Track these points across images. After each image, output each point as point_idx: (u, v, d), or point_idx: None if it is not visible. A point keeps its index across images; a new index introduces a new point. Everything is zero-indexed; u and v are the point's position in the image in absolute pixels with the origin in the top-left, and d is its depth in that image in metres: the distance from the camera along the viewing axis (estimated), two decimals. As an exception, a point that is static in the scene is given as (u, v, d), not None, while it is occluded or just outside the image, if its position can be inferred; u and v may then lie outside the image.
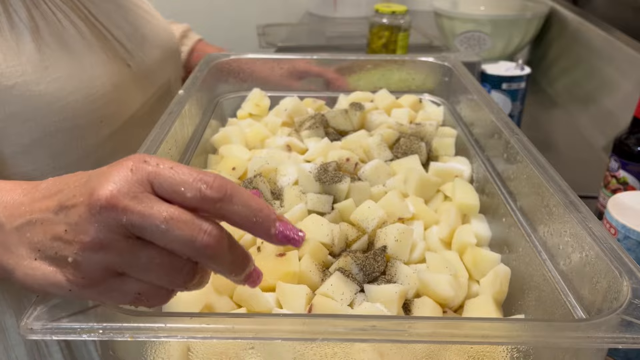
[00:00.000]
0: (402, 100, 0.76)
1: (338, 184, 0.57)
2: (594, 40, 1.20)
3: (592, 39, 1.21)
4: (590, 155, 1.02)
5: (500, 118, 0.58)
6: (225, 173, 0.62)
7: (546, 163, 0.50)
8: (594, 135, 1.08)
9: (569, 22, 1.30)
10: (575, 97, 1.22)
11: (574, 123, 1.14)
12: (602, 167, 0.93)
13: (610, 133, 1.05)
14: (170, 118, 0.58)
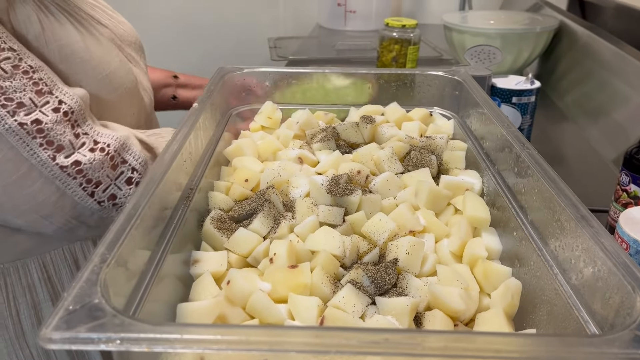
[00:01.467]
0: (412, 114, 0.77)
1: (349, 197, 0.58)
2: (604, 53, 1.20)
3: (601, 52, 1.21)
4: (601, 168, 1.01)
5: (510, 132, 0.59)
6: (238, 184, 0.63)
7: (557, 177, 0.50)
8: (604, 148, 1.08)
9: (578, 36, 1.31)
10: (585, 110, 1.22)
11: (584, 136, 1.14)
12: (612, 180, 0.93)
13: (620, 146, 1.05)
14: (185, 131, 0.59)
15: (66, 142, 0.59)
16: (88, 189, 0.61)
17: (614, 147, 1.06)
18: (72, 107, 0.60)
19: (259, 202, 0.58)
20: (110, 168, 0.62)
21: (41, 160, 0.57)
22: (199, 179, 0.61)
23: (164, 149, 0.56)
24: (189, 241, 0.54)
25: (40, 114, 0.57)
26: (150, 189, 0.49)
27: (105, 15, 0.73)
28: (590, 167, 1.03)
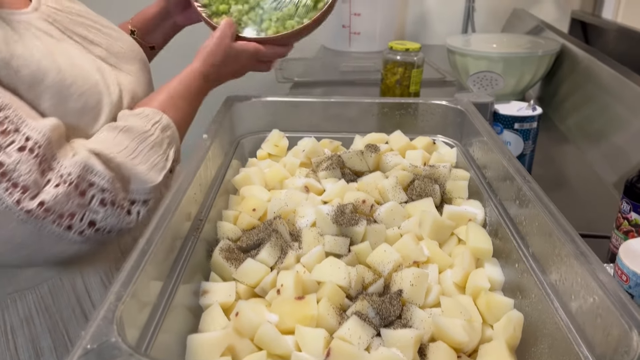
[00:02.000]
0: (416, 142, 0.78)
1: (355, 227, 0.59)
2: (605, 78, 1.22)
3: (602, 76, 1.23)
4: (602, 191, 1.03)
5: (512, 164, 0.60)
6: (246, 213, 0.64)
7: (557, 212, 0.52)
8: (605, 172, 1.09)
9: (580, 60, 1.33)
10: (586, 133, 1.24)
11: (585, 159, 1.16)
12: (614, 204, 0.94)
13: (621, 170, 1.06)
14: (195, 164, 0.60)
15: (31, 182, 0.55)
16: (63, 224, 0.58)
17: (614, 171, 1.07)
18: (40, 142, 0.57)
19: (267, 232, 0.59)
20: (78, 196, 0.58)
21: (7, 206, 0.54)
22: (208, 209, 0.63)
23: (175, 183, 0.57)
24: (198, 271, 0.56)
25: (4, 155, 0.54)
26: (162, 223, 0.50)
27: (100, 35, 0.73)
28: (592, 191, 1.04)
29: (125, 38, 0.78)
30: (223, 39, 0.76)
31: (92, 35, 0.71)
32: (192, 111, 0.75)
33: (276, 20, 0.79)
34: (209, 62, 0.75)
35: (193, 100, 0.75)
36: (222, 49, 0.76)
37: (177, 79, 0.74)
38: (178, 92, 0.72)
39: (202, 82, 0.75)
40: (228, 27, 0.77)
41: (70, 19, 0.69)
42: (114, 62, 0.73)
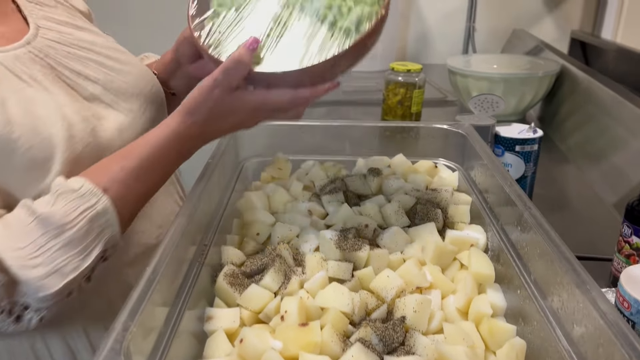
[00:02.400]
0: (418, 166, 0.79)
1: (358, 252, 0.60)
2: (605, 99, 1.23)
3: (602, 97, 1.24)
4: (602, 212, 1.03)
5: (513, 190, 0.61)
6: (250, 238, 0.65)
7: (558, 239, 0.52)
8: (605, 192, 1.09)
9: (580, 81, 1.34)
10: (587, 153, 1.24)
11: (586, 179, 1.16)
12: (614, 225, 0.95)
13: (620, 190, 1.07)
14: (200, 189, 0.61)
15: None
16: None
17: (614, 192, 1.08)
18: None
19: (270, 257, 0.60)
20: None
21: None
22: (213, 233, 0.63)
23: (180, 210, 0.58)
24: (202, 297, 0.56)
25: None
26: (169, 250, 0.51)
27: (100, 69, 0.66)
28: (592, 212, 1.05)
29: (134, 72, 0.70)
30: (212, 89, 0.57)
31: (88, 70, 0.65)
32: (159, 181, 0.61)
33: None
34: (189, 121, 0.58)
35: (166, 167, 0.60)
36: (209, 104, 0.57)
37: (147, 140, 0.58)
38: (141, 161, 0.57)
39: (179, 145, 0.59)
40: (226, 73, 0.56)
41: (67, 52, 0.64)
42: (110, 99, 0.66)
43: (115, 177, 0.56)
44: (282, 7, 0.62)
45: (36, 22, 0.64)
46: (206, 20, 0.64)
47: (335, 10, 0.59)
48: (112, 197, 0.55)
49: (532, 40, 1.77)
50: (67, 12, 0.70)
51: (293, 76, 0.57)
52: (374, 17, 0.58)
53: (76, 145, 0.58)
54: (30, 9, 0.65)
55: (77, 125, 0.59)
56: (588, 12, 1.87)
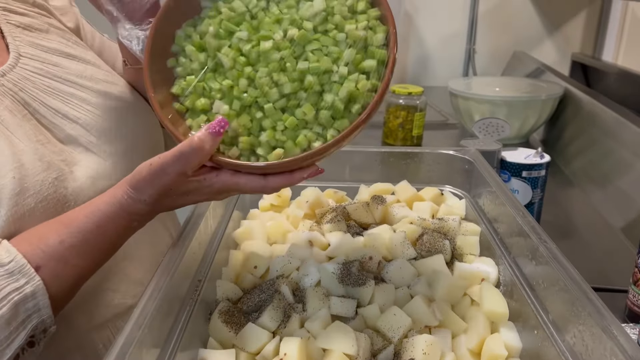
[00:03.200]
0: (423, 193, 0.76)
1: (362, 287, 0.56)
2: (609, 121, 1.21)
3: (606, 120, 1.22)
4: (612, 239, 1.00)
5: (526, 221, 0.58)
6: (247, 271, 0.61)
7: (578, 276, 0.49)
8: (612, 216, 1.07)
9: (583, 104, 1.32)
10: (592, 177, 1.22)
11: (592, 203, 1.13)
12: (623, 252, 0.92)
13: (627, 214, 1.04)
14: (195, 219, 0.58)
15: None
16: None
17: (622, 216, 1.05)
18: None
19: (269, 293, 0.56)
20: None
21: None
22: (208, 266, 0.60)
23: (178, 238, 0.55)
24: (196, 336, 0.53)
25: None
26: (160, 286, 0.48)
27: (82, 107, 0.60)
28: (602, 238, 1.02)
29: (124, 109, 0.64)
30: (161, 174, 0.48)
31: (69, 108, 0.59)
32: (106, 254, 0.53)
33: (283, 131, 0.49)
34: (135, 197, 0.49)
35: (113, 240, 0.52)
36: (156, 188, 0.49)
37: (91, 210, 0.50)
38: (84, 234, 0.50)
39: (127, 220, 0.51)
40: (180, 159, 0.47)
41: (47, 86, 0.58)
42: (89, 142, 0.59)
43: (53, 252, 0.49)
44: (256, 59, 0.50)
45: (18, 51, 0.59)
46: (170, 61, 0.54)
47: (326, 77, 0.49)
48: (45, 278, 0.48)
49: (533, 63, 1.76)
50: (61, 37, 0.65)
51: (264, 169, 0.48)
52: (369, 95, 0.48)
53: (27, 200, 0.52)
54: (17, 34, 0.60)
55: (34, 176, 0.53)
56: (589, 34, 1.87)
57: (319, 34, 0.50)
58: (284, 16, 0.50)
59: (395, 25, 0.49)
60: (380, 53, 0.49)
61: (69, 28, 0.69)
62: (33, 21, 0.63)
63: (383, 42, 0.49)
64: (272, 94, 0.49)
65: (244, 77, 0.50)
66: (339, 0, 0.51)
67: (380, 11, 0.51)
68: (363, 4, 0.51)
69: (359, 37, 0.49)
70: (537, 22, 1.87)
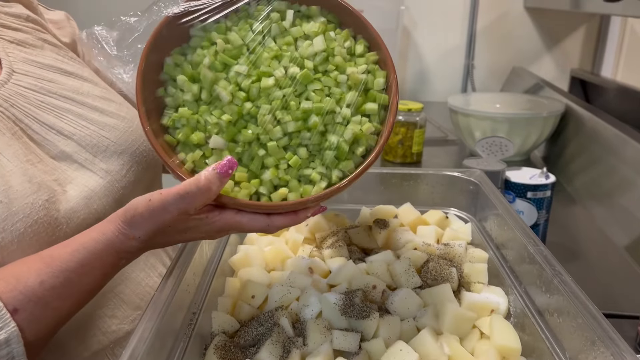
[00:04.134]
0: (427, 217, 0.73)
1: (366, 320, 0.53)
2: (611, 138, 1.19)
3: (608, 138, 1.21)
4: (618, 261, 0.97)
5: (538, 251, 0.55)
6: (244, 301, 0.58)
7: (594, 308, 0.46)
8: (615, 234, 1.05)
9: (585, 121, 1.30)
10: (595, 195, 1.20)
11: (596, 223, 1.11)
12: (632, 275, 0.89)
13: (631, 232, 1.02)
14: (190, 247, 0.55)
15: None
16: None
17: (626, 234, 1.03)
18: None
19: (267, 326, 0.53)
20: None
21: None
22: (204, 296, 0.57)
23: (171, 268, 0.52)
24: (190, 374, 0.49)
25: None
26: (152, 321, 0.45)
27: (77, 122, 0.58)
28: (608, 261, 0.99)
29: (121, 126, 0.61)
30: (161, 213, 0.45)
31: (63, 123, 0.57)
32: (89, 295, 0.49)
33: (286, 169, 0.48)
34: (129, 234, 0.46)
35: (98, 279, 0.48)
36: (154, 226, 0.46)
37: (75, 247, 0.47)
38: (66, 275, 0.46)
39: (115, 258, 0.47)
40: (184, 199, 0.44)
41: (41, 101, 0.56)
42: (84, 158, 0.57)
43: (32, 294, 0.45)
44: (256, 96, 0.49)
45: (11, 66, 0.57)
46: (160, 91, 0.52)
47: (329, 118, 0.48)
48: (22, 322, 0.44)
49: (532, 78, 1.74)
50: (56, 52, 0.62)
51: (267, 207, 0.47)
52: (372, 137, 0.49)
53: (17, 225, 0.48)
54: (10, 50, 0.58)
55: (23, 199, 0.49)
56: (587, 50, 1.86)
57: (320, 74, 0.50)
58: (283, 53, 0.50)
59: (395, 70, 0.49)
60: (381, 97, 0.49)
61: (64, 43, 0.66)
62: (27, 37, 0.61)
63: (383, 86, 0.50)
64: (276, 132, 0.48)
65: (245, 112, 0.49)
66: (338, 41, 0.51)
67: (379, 55, 0.51)
68: (361, 47, 0.51)
69: (359, 80, 0.49)
70: (536, 38, 1.86)
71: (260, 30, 0.50)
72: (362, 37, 0.52)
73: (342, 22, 0.53)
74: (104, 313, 0.59)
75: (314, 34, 0.50)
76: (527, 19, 1.85)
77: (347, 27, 0.53)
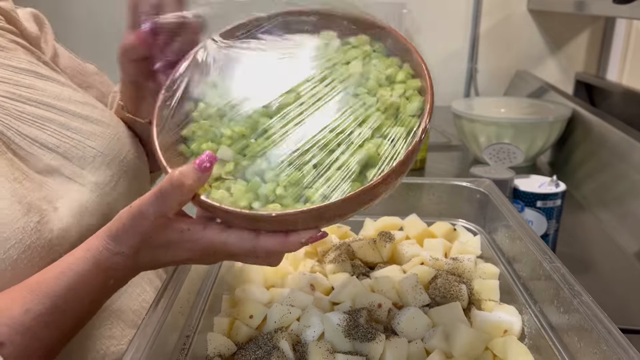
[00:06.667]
0: (434, 229, 0.70)
1: (371, 342, 0.50)
2: (618, 144, 1.16)
3: (616, 142, 1.18)
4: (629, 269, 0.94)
5: (554, 268, 0.52)
6: (242, 322, 0.55)
7: (617, 331, 0.43)
8: (625, 241, 1.02)
9: (593, 126, 1.27)
10: (604, 202, 1.17)
11: (606, 230, 1.08)
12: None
13: (640, 238, 0.99)
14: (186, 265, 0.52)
15: None
16: None
17: (636, 241, 1.00)
18: None
19: (266, 349, 0.50)
20: None
21: None
22: (199, 317, 0.53)
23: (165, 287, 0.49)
24: (183, 403, 0.46)
25: None
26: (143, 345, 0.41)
27: (61, 134, 0.54)
28: (619, 270, 0.96)
29: (106, 134, 0.57)
30: (140, 218, 0.42)
31: (46, 135, 0.53)
32: (81, 320, 0.47)
33: (286, 187, 0.43)
34: (114, 250, 0.43)
35: (88, 303, 0.46)
36: (136, 236, 0.43)
37: (61, 270, 0.44)
38: (53, 300, 0.43)
39: (103, 278, 0.45)
40: (159, 199, 0.42)
41: (21, 111, 0.52)
42: (72, 171, 0.53)
43: (18, 325, 0.41)
44: (274, 111, 0.47)
45: None
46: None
47: (344, 136, 0.44)
48: (9, 356, 0.41)
49: (536, 82, 1.71)
50: (30, 56, 0.58)
51: (253, 218, 0.42)
52: (389, 163, 0.43)
53: (9, 252, 0.45)
54: None
55: (14, 223, 0.46)
56: (592, 53, 1.83)
57: (350, 96, 0.46)
58: (314, 74, 0.48)
59: (433, 96, 0.45)
60: (411, 121, 0.45)
61: (33, 39, 0.61)
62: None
63: (417, 112, 0.46)
64: (282, 146, 0.45)
65: (260, 127, 0.46)
66: (378, 68, 0.48)
67: (421, 82, 0.47)
68: (403, 74, 0.48)
69: (390, 103, 0.46)
70: (539, 41, 1.83)
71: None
72: (408, 65, 0.49)
73: (389, 52, 0.51)
74: (100, 334, 0.56)
75: (353, 58, 0.49)
76: (531, 21, 1.82)
77: (395, 56, 0.50)
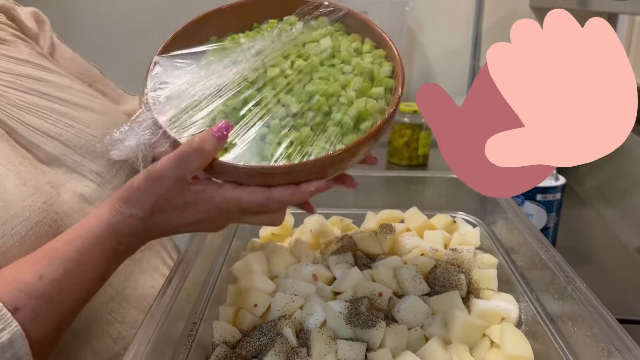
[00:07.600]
0: (434, 221, 0.71)
1: (372, 329, 0.52)
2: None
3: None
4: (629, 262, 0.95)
5: (550, 256, 0.53)
6: (247, 310, 0.57)
7: (611, 317, 0.44)
8: (627, 236, 1.03)
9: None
10: (606, 197, 1.18)
11: (608, 225, 1.09)
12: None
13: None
14: (191, 251, 0.54)
15: None
16: None
17: (637, 234, 1.01)
18: None
19: (270, 336, 0.52)
20: None
21: None
22: (204, 306, 0.55)
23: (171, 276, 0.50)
24: (190, 387, 0.48)
25: None
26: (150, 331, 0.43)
27: (62, 122, 0.55)
28: (619, 262, 0.97)
29: (107, 122, 0.58)
30: (158, 181, 0.44)
31: (48, 124, 0.54)
32: (93, 286, 0.48)
33: (289, 146, 0.46)
34: (126, 213, 0.45)
35: (100, 268, 0.47)
36: (152, 198, 0.45)
37: (72, 236, 0.45)
38: (66, 265, 0.44)
39: (115, 242, 0.46)
40: (180, 162, 0.44)
41: (23, 101, 0.54)
42: (73, 161, 0.54)
43: (32, 290, 0.43)
44: (262, 85, 0.49)
45: None
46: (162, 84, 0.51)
47: (334, 99, 0.48)
48: (25, 321, 0.42)
49: (539, 79, 1.72)
50: (29, 48, 0.59)
51: (268, 172, 0.45)
52: (378, 115, 0.48)
53: (17, 228, 0.47)
54: None
55: (21, 201, 0.47)
56: (595, 49, 1.83)
57: (326, 67, 0.51)
58: (290, 52, 0.51)
59: (402, 62, 0.50)
60: (387, 81, 0.50)
61: (31, 32, 0.62)
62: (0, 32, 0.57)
63: (389, 74, 0.51)
64: (279, 112, 0.48)
65: (251, 100, 0.49)
66: (345, 43, 0.53)
67: (386, 51, 0.52)
68: (368, 46, 0.53)
69: (365, 68, 0.50)
70: (542, 38, 1.84)
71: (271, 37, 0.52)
72: (369, 40, 0.54)
73: (349, 30, 0.55)
74: (113, 318, 0.58)
75: (321, 37, 0.53)
76: (534, 18, 1.82)
77: (355, 33, 0.55)
